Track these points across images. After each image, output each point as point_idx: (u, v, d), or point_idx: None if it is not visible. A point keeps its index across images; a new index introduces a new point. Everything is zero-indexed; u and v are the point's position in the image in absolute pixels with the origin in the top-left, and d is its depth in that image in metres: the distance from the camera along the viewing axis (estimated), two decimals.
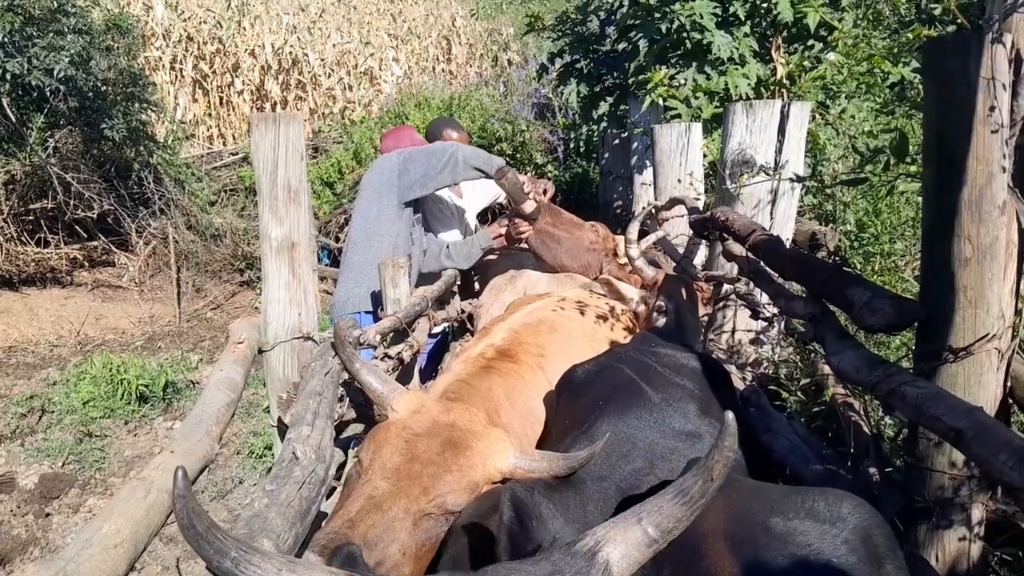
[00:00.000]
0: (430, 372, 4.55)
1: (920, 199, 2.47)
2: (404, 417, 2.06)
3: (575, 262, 4.48)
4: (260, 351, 2.44)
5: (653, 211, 5.10)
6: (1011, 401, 2.03)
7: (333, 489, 2.32)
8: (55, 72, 7.62)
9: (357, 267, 4.29)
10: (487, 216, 6.69)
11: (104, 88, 8.68)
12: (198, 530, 1.22)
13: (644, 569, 1.37)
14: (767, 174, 3.50)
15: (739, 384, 3.21)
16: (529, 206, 4.47)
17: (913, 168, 2.67)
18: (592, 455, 1.88)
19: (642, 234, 4.98)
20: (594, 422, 2.09)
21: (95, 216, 8.90)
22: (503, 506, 1.51)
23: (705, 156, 5.20)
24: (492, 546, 1.48)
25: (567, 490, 1.82)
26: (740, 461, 2.10)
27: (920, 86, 3.61)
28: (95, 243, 9.22)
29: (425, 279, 4.52)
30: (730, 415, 1.29)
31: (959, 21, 2.20)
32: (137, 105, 9.19)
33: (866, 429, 2.73)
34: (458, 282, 4.88)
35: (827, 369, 3.16)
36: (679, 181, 4.86)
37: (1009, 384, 1.98)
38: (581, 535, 1.26)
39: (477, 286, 5.46)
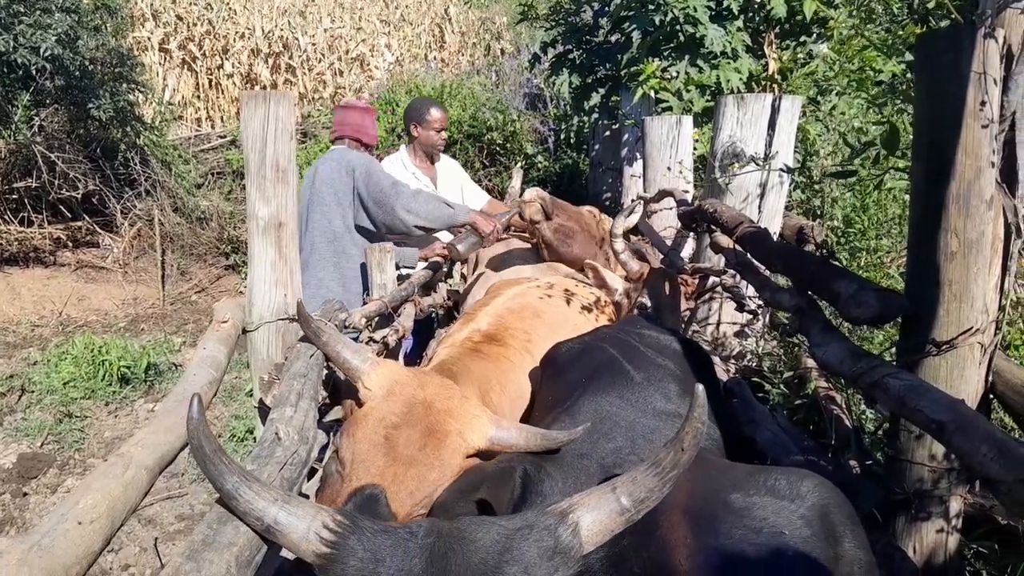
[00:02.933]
0: (415, 359, 4.54)
1: (907, 196, 2.48)
2: (379, 404, 2.01)
3: (586, 253, 4.43)
4: (244, 331, 2.42)
5: (642, 203, 5.10)
6: (992, 396, 2.04)
7: (314, 471, 2.31)
8: (41, 50, 7.52)
9: (325, 287, 4.08)
10: None
11: (91, 67, 8.57)
12: (205, 451, 1.35)
13: None
14: (757, 164, 3.51)
15: (723, 376, 3.22)
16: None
17: (901, 163, 2.68)
18: (571, 440, 1.88)
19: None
20: (577, 400, 2.09)
21: (80, 196, 8.80)
22: (515, 483, 1.56)
23: (695, 150, 5.20)
24: None
25: (548, 466, 1.82)
26: (718, 442, 2.11)
27: (911, 82, 3.62)
28: (79, 223, 9.12)
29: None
30: (700, 387, 1.32)
31: (952, 16, 2.20)
32: (124, 85, 9.09)
33: (847, 422, 2.74)
34: (445, 268, 4.86)
35: (810, 363, 3.18)
36: (668, 169, 4.87)
37: (991, 379, 2.00)
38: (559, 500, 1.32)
39: (465, 272, 5.45)
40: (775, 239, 3.30)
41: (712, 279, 3.84)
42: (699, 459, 1.73)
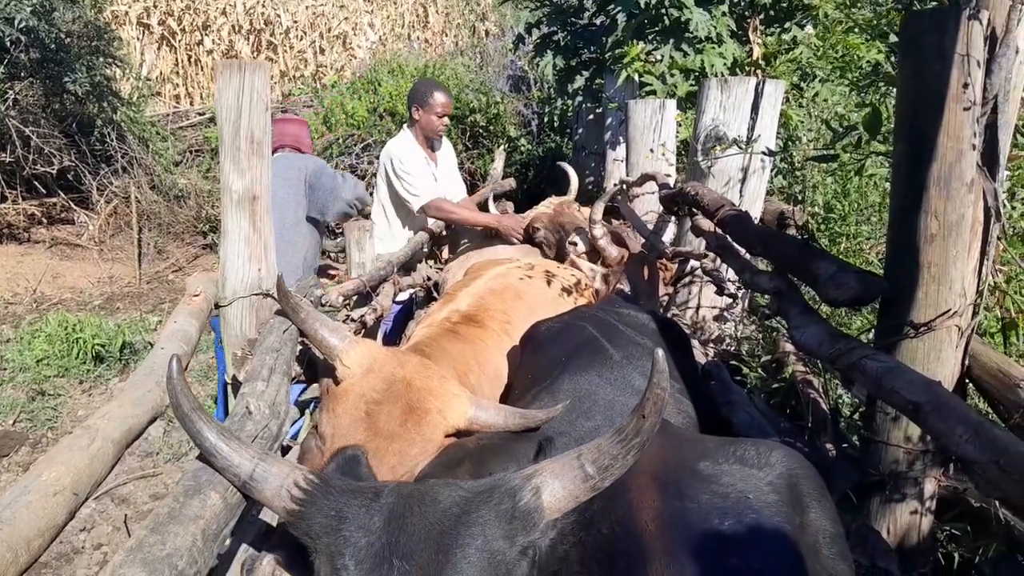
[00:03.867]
0: (394, 339, 4.51)
1: (888, 184, 2.47)
2: (359, 380, 2.00)
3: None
4: (217, 306, 2.38)
5: (624, 187, 5.09)
6: (968, 380, 2.05)
7: (287, 448, 2.29)
8: (16, 22, 7.36)
9: None
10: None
11: (67, 40, 8.39)
12: (184, 409, 1.40)
13: None
14: (739, 147, 3.50)
15: (701, 359, 3.22)
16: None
17: (883, 148, 2.67)
18: (550, 418, 1.87)
19: (612, 211, 4.99)
20: (557, 378, 2.08)
21: (55, 172, 8.64)
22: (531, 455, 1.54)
23: (678, 133, 5.19)
24: None
25: (526, 443, 1.81)
26: (693, 419, 2.11)
27: (894, 66, 3.62)
28: (54, 200, 8.96)
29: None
30: (659, 352, 1.32)
31: None
32: (101, 59, 8.91)
33: (824, 406, 2.75)
34: (426, 249, 4.83)
35: (788, 347, 3.19)
36: (651, 151, 4.85)
37: (967, 363, 2.00)
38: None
39: (447, 253, 5.42)
40: (756, 223, 3.29)
41: (692, 263, 3.84)
42: (671, 431, 1.73)
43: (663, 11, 5.85)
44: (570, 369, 2.10)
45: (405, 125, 5.07)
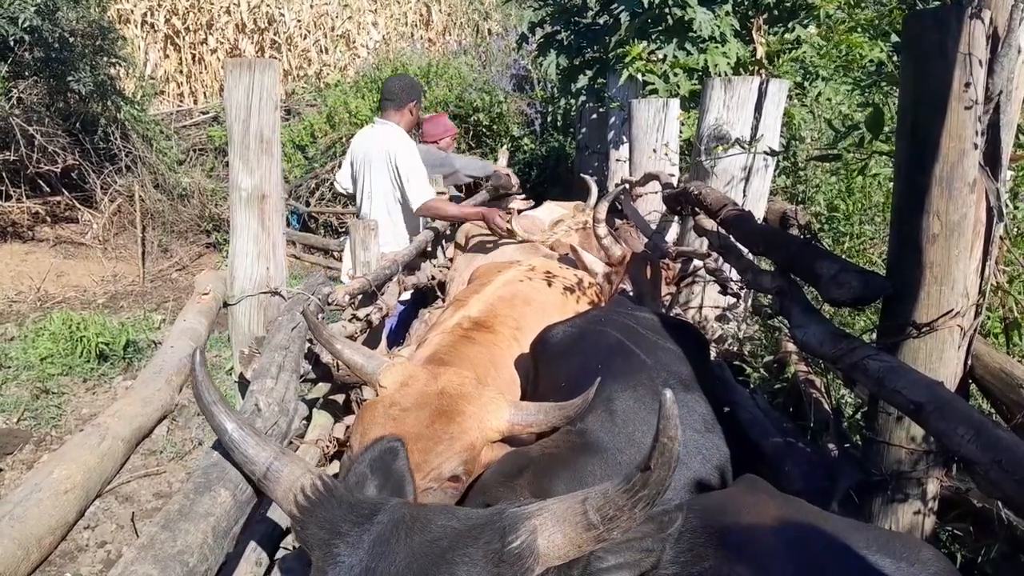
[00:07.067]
0: (399, 337, 4.52)
1: (891, 184, 2.48)
2: (391, 393, 2.03)
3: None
4: (226, 304, 2.39)
5: (627, 187, 5.10)
6: (970, 381, 2.06)
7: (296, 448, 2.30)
8: (20, 21, 7.38)
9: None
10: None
11: (71, 40, 8.43)
12: (205, 401, 1.44)
13: None
14: (743, 147, 3.50)
15: None
16: None
17: (885, 147, 2.68)
18: (585, 404, 1.88)
19: (615, 210, 5.01)
20: (601, 386, 2.00)
21: (59, 171, 8.68)
22: None
23: (681, 133, 5.19)
24: None
25: (592, 458, 1.80)
26: (716, 423, 2.08)
27: (896, 64, 3.62)
28: (58, 198, 9.00)
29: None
30: (668, 394, 1.14)
31: None
32: (105, 58, 8.95)
33: (826, 406, 2.76)
34: (429, 247, 4.84)
35: (791, 347, 3.19)
36: (654, 151, 4.86)
37: (970, 363, 2.01)
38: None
39: (451, 251, 5.43)
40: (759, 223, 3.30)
41: (695, 263, 3.85)
42: (793, 502, 1.66)
43: (666, 10, 5.85)
44: (610, 377, 2.06)
45: (390, 120, 4.80)
